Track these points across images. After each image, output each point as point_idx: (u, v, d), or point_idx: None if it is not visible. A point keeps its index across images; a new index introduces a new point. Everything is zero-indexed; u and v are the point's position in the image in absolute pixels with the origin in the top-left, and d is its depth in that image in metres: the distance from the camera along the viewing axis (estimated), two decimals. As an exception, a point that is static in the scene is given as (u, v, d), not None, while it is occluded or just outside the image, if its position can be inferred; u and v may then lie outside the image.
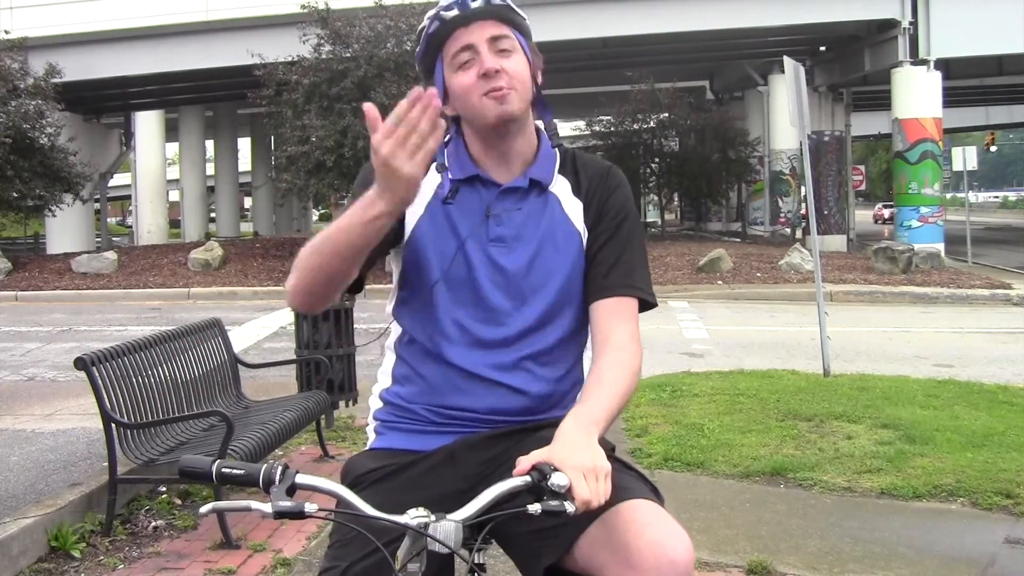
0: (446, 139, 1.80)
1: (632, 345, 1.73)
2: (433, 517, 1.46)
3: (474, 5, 1.70)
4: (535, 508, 1.45)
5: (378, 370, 1.91)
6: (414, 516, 1.46)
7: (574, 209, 1.81)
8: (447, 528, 1.45)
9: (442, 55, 1.74)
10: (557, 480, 1.45)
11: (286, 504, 1.42)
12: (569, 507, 1.45)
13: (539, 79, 1.78)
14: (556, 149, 1.84)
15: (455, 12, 1.70)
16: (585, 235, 1.80)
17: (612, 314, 1.75)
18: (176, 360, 4.96)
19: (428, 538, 1.45)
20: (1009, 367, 8.90)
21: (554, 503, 1.45)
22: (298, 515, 1.43)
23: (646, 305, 1.81)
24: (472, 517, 1.48)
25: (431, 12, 1.74)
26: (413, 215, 1.77)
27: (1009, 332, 11.60)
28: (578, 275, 1.80)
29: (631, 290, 1.77)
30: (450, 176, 1.77)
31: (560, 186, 1.82)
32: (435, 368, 1.77)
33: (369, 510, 1.49)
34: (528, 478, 1.48)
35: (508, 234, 1.77)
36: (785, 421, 6.11)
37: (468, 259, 1.76)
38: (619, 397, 1.65)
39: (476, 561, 1.69)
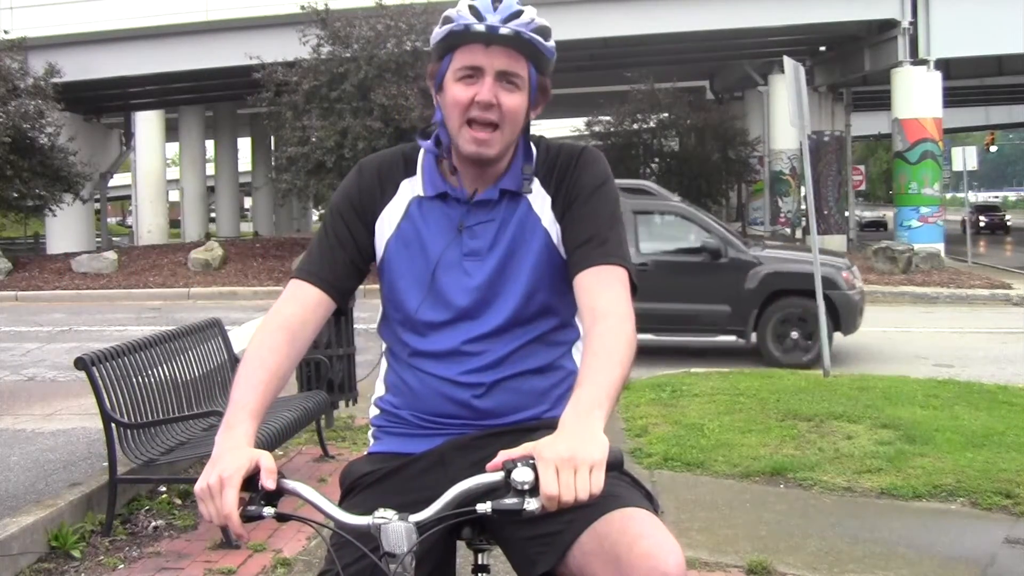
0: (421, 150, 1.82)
1: (619, 308, 1.64)
2: (396, 518, 1.40)
3: (502, 31, 1.65)
4: (485, 508, 1.35)
5: (377, 378, 1.94)
6: (376, 517, 1.41)
7: (543, 204, 1.78)
8: (398, 529, 1.39)
9: (452, 55, 1.71)
10: (519, 476, 1.32)
11: (250, 508, 1.44)
12: (531, 505, 1.32)
13: (531, 117, 1.76)
14: (535, 146, 1.82)
15: (482, 30, 1.65)
16: (556, 228, 1.76)
17: (594, 284, 1.67)
18: (176, 360, 4.96)
19: (381, 539, 1.39)
20: (1009, 367, 8.90)
21: (509, 501, 1.32)
22: (257, 518, 1.44)
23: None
24: (429, 518, 1.41)
25: (464, 5, 1.68)
26: (383, 236, 1.80)
27: (1009, 332, 11.60)
28: (545, 271, 1.76)
29: (608, 258, 1.70)
30: (421, 193, 1.79)
31: (533, 185, 1.79)
32: (416, 377, 1.79)
33: (332, 510, 1.47)
34: (500, 474, 1.36)
35: (482, 247, 1.76)
36: (785, 421, 6.11)
37: (442, 279, 1.76)
38: (618, 366, 1.55)
39: (480, 562, 1.68)
